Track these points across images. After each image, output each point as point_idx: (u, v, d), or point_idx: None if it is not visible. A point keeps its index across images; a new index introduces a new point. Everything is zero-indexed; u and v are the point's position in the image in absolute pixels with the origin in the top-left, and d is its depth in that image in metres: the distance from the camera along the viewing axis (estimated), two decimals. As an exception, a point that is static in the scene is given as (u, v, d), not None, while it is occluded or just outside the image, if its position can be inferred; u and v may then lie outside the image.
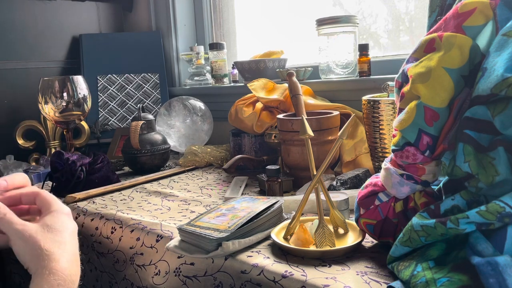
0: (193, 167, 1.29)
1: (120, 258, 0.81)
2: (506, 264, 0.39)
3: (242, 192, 0.99)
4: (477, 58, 0.50)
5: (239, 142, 1.23)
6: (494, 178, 0.44)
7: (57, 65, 1.71)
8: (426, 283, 0.44)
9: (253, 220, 0.68)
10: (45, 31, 1.67)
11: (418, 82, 0.51)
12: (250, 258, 0.62)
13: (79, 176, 1.06)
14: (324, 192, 0.68)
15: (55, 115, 1.27)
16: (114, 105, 1.65)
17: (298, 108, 1.04)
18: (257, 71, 1.41)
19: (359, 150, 1.05)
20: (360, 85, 1.20)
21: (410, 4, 1.31)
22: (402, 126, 0.53)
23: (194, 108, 1.46)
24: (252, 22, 1.73)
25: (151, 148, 1.23)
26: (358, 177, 0.91)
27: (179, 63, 1.81)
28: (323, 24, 1.24)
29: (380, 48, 1.39)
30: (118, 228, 0.83)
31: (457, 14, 0.51)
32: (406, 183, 0.56)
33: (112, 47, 1.72)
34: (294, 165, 1.00)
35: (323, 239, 0.62)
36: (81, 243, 0.90)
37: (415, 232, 0.49)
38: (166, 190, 1.05)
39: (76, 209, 0.95)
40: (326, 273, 0.56)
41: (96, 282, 0.88)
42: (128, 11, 1.92)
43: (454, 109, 0.50)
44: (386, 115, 0.88)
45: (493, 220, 0.42)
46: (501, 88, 0.43)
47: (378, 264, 0.58)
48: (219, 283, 0.62)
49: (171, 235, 0.74)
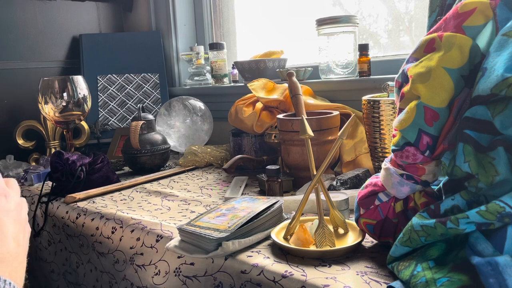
0: (193, 167, 1.29)
1: (120, 258, 0.81)
2: (506, 264, 0.39)
3: (242, 192, 0.99)
4: (477, 58, 0.50)
5: (239, 142, 1.23)
6: (494, 178, 0.44)
7: (57, 65, 1.71)
8: (426, 283, 0.44)
9: (253, 220, 0.68)
10: (45, 31, 1.67)
11: (418, 82, 0.51)
12: (250, 258, 0.62)
13: (79, 176, 1.06)
14: (324, 192, 0.68)
15: (55, 115, 1.27)
16: (114, 105, 1.65)
17: (298, 108, 1.04)
18: (257, 71, 1.41)
19: (359, 150, 1.05)
20: (360, 85, 1.20)
21: (410, 4, 1.31)
22: (402, 126, 0.53)
23: (194, 108, 1.46)
24: (252, 22, 1.73)
25: (151, 148, 1.23)
26: (358, 177, 0.91)
27: (179, 63, 1.81)
28: (323, 24, 1.24)
29: (380, 48, 1.39)
30: (119, 228, 0.83)
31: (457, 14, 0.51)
32: (406, 183, 0.56)
33: (112, 47, 1.72)
34: (294, 165, 1.00)
35: (323, 239, 0.62)
36: (81, 243, 0.91)
37: (415, 232, 0.49)
38: (166, 190, 1.05)
39: (76, 209, 0.95)
40: (326, 273, 0.56)
41: (96, 282, 0.88)
42: (128, 11, 1.92)
43: (454, 109, 0.50)
44: (386, 115, 0.88)
45: (493, 220, 0.42)
46: (501, 88, 0.43)
47: (378, 264, 0.58)
48: (219, 283, 0.63)
49: (171, 235, 0.74)
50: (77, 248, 0.92)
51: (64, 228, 0.96)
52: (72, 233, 0.93)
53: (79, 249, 0.92)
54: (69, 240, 0.95)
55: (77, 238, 0.92)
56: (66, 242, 0.96)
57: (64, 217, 0.96)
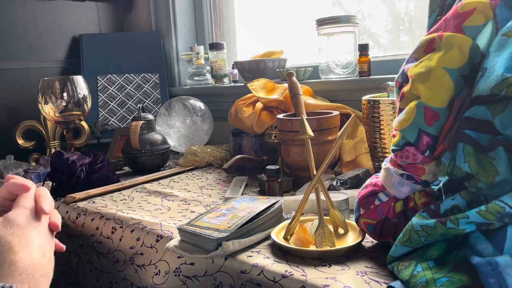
0: (193, 167, 1.29)
1: (120, 258, 0.81)
2: (506, 264, 0.39)
3: (242, 192, 0.99)
4: (477, 58, 0.50)
5: (239, 142, 1.23)
6: (494, 178, 0.44)
7: (57, 65, 1.71)
8: (426, 283, 0.44)
9: (253, 220, 0.68)
10: (45, 31, 1.67)
11: (418, 82, 0.51)
12: (250, 258, 0.62)
13: (79, 176, 1.06)
14: (324, 192, 0.68)
15: (55, 115, 1.27)
16: (114, 105, 1.65)
17: (298, 108, 1.04)
18: (257, 71, 1.41)
19: (359, 150, 1.05)
20: (360, 85, 1.20)
21: (410, 4, 1.31)
22: (402, 126, 0.53)
23: (194, 108, 1.46)
24: (252, 22, 1.73)
25: (151, 148, 1.23)
26: (358, 177, 0.91)
27: (179, 63, 1.81)
28: (323, 24, 1.24)
29: (380, 48, 1.39)
30: (119, 228, 0.83)
31: (457, 14, 0.51)
32: (406, 183, 0.56)
33: (112, 47, 1.72)
34: (294, 165, 1.00)
35: (323, 239, 0.62)
36: (81, 243, 0.91)
37: (415, 232, 0.49)
38: (166, 190, 1.05)
39: (76, 209, 0.95)
40: (326, 273, 0.56)
41: (96, 282, 0.88)
42: (128, 11, 1.92)
43: (454, 109, 0.50)
44: (386, 115, 0.88)
45: (493, 220, 0.42)
46: (501, 88, 0.43)
47: (378, 264, 0.58)
48: (219, 283, 0.62)
49: (171, 235, 0.74)
50: (77, 248, 0.92)
51: (64, 228, 0.96)
52: (72, 233, 0.93)
53: (79, 249, 0.92)
54: (69, 240, 0.95)
55: (77, 238, 0.92)
56: (66, 242, 0.96)
57: (64, 217, 0.96)
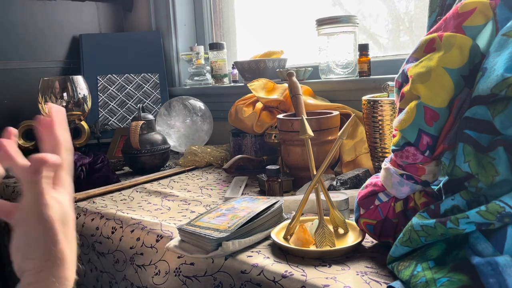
0: (193, 167, 1.29)
1: (120, 258, 0.81)
2: (506, 264, 0.39)
3: (242, 192, 0.99)
4: (477, 58, 0.50)
5: (239, 142, 1.23)
6: (494, 178, 0.44)
7: (57, 65, 1.71)
8: (426, 283, 0.44)
9: (253, 220, 0.68)
10: (45, 31, 1.67)
11: (418, 82, 0.51)
12: (250, 258, 0.62)
13: (79, 176, 1.06)
14: (324, 192, 0.68)
15: (55, 115, 1.26)
16: (114, 105, 1.65)
17: (298, 108, 1.04)
18: (257, 71, 1.41)
19: (359, 150, 1.05)
20: (360, 85, 1.19)
21: (410, 4, 1.31)
22: (402, 126, 0.53)
23: (194, 108, 1.46)
24: (252, 22, 1.73)
25: (151, 148, 1.23)
26: (358, 177, 0.91)
27: (179, 63, 1.81)
28: (323, 24, 1.24)
29: (380, 48, 1.39)
30: (119, 228, 0.83)
31: (457, 14, 0.51)
32: (406, 183, 0.56)
33: (112, 47, 1.72)
34: (294, 165, 1.00)
35: (323, 239, 0.62)
36: (81, 243, 0.91)
37: (415, 232, 0.49)
38: (166, 190, 1.05)
39: (76, 209, 0.95)
40: (326, 273, 0.56)
41: (96, 282, 0.88)
42: (128, 11, 1.92)
43: (454, 109, 0.50)
44: (386, 115, 0.88)
45: (493, 220, 0.42)
46: (501, 88, 0.43)
47: (378, 264, 0.58)
48: (219, 283, 0.62)
49: (171, 235, 0.74)
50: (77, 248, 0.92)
51: (64, 228, 0.96)
52: (72, 233, 0.93)
53: (79, 249, 0.92)
54: (69, 240, 0.95)
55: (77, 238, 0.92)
56: (66, 242, 0.96)
57: (64, 217, 0.96)
